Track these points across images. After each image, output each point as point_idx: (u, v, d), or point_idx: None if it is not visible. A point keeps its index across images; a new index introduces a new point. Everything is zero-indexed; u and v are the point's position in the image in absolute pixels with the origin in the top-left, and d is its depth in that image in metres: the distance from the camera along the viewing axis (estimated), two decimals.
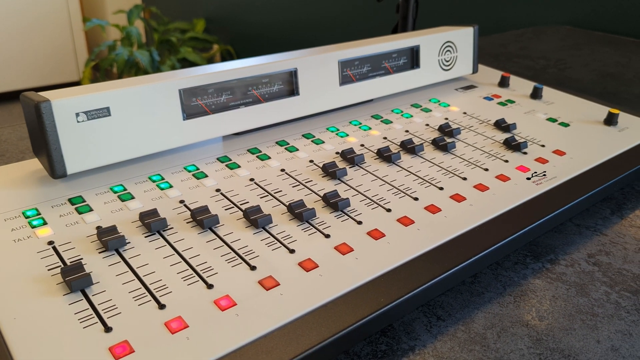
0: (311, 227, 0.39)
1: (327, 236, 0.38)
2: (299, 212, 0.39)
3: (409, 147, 0.51)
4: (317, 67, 0.54)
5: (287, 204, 0.41)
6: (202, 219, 0.38)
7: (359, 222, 0.40)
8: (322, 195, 0.42)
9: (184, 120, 0.46)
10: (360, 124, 0.56)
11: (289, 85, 0.53)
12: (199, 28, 2.53)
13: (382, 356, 0.33)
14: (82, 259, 0.34)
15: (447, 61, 0.66)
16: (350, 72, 0.57)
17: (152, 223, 0.37)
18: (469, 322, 0.36)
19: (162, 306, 0.31)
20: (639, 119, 0.61)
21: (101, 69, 2.35)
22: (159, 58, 2.29)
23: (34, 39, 2.90)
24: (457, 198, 0.44)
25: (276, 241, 0.37)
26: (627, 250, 0.44)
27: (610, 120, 0.59)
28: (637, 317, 0.37)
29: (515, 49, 1.05)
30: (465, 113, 0.60)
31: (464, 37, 0.67)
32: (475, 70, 0.70)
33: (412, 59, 0.63)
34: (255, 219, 0.38)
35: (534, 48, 1.06)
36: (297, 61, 0.52)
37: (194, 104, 0.47)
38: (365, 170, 0.47)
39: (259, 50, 2.30)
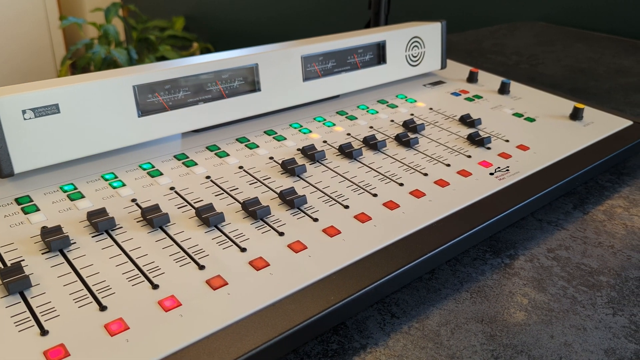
0: (265, 225, 0.38)
1: (281, 234, 0.37)
2: (252, 210, 0.38)
3: (371, 143, 0.50)
4: (279, 63, 0.53)
5: (242, 202, 0.40)
6: (152, 218, 0.37)
7: (315, 220, 0.39)
8: (279, 192, 0.42)
9: (138, 117, 0.45)
10: (325, 120, 0.55)
11: (250, 81, 0.52)
12: (178, 26, 2.51)
13: (333, 355, 0.33)
14: (23, 260, 0.33)
15: (415, 57, 0.66)
16: (315, 67, 0.57)
17: (100, 222, 0.36)
18: (424, 319, 0.36)
19: (103, 308, 0.30)
20: (605, 114, 0.61)
21: (78, 67, 2.31)
22: (136, 56, 2.26)
23: (11, 37, 2.85)
24: (417, 194, 0.43)
25: (228, 240, 0.36)
26: (586, 245, 0.44)
27: (576, 115, 0.59)
28: (592, 312, 0.37)
29: (489, 45, 1.06)
30: (431, 109, 0.60)
31: (431, 32, 0.66)
32: (443, 66, 0.69)
33: (378, 54, 0.62)
34: (207, 217, 0.37)
35: (507, 44, 1.06)
36: (258, 56, 0.52)
37: (150, 100, 0.46)
38: (326, 166, 0.47)
39: (239, 47, 2.28)
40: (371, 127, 0.55)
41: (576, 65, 0.92)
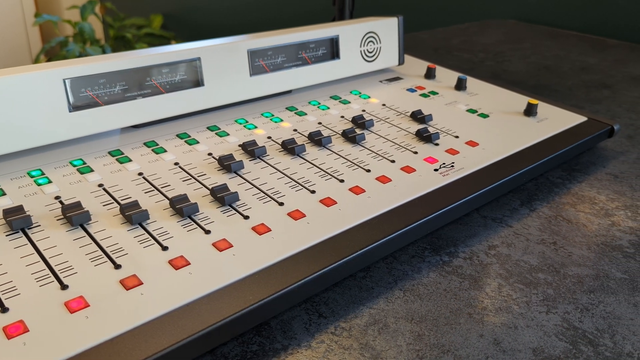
0: (192, 222, 0.37)
1: (208, 232, 0.36)
2: (179, 208, 0.37)
3: (316, 139, 0.49)
4: (224, 57, 0.52)
5: (170, 199, 0.39)
6: (72, 216, 0.35)
7: (246, 217, 0.38)
8: (210, 189, 0.40)
9: (70, 112, 0.43)
10: (272, 115, 0.54)
11: (193, 75, 0.50)
12: (156, 24, 2.48)
13: (252, 357, 0.31)
14: None
15: (370, 52, 0.65)
16: (263, 62, 0.56)
17: (14, 221, 0.34)
18: (352, 318, 0.35)
19: (4, 310, 0.29)
20: (560, 110, 0.60)
21: None
22: None
23: None
24: (356, 190, 0.42)
25: (150, 238, 0.35)
26: (529, 242, 0.43)
27: (530, 111, 0.58)
28: (526, 310, 0.36)
29: (457, 42, 1.05)
30: (384, 105, 0.59)
31: (387, 27, 0.66)
32: (401, 62, 0.68)
33: (332, 49, 0.61)
34: (130, 215, 0.36)
35: (476, 42, 1.05)
36: (201, 50, 0.50)
37: (83, 94, 0.44)
38: (267, 163, 0.45)
39: None
40: (320, 123, 0.54)
41: (542, 63, 0.92)
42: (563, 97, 0.75)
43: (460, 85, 0.64)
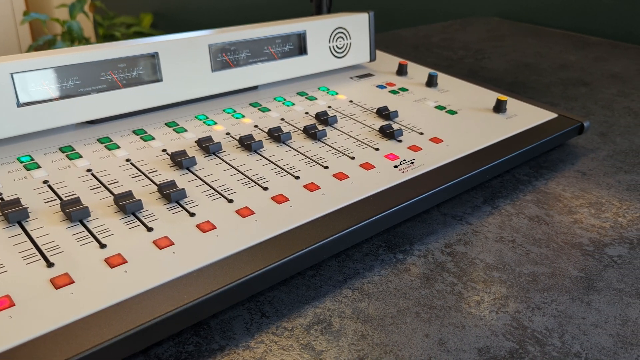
0: (136, 220, 0.36)
1: (150, 229, 0.35)
2: (122, 205, 0.36)
3: (275, 135, 0.48)
4: (183, 52, 0.51)
5: (114, 195, 0.38)
6: (8, 213, 0.34)
7: (192, 214, 0.37)
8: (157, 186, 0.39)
9: (18, 107, 0.42)
10: (234, 111, 0.53)
11: (151, 70, 0.49)
12: (146, 23, 2.47)
13: (187, 357, 0.30)
14: None
15: (340, 48, 0.64)
16: (227, 57, 0.55)
17: None
18: (296, 318, 0.34)
19: None
20: (531, 107, 0.59)
21: None
22: None
23: None
24: (311, 187, 0.41)
25: (89, 235, 0.34)
26: (487, 240, 0.42)
27: (499, 107, 0.58)
28: (476, 309, 0.35)
29: (438, 40, 1.04)
30: (351, 101, 0.58)
31: (357, 23, 0.65)
32: (373, 58, 0.67)
33: (299, 45, 0.60)
34: (70, 211, 0.35)
35: (457, 39, 1.05)
36: (159, 45, 0.49)
37: (33, 89, 0.43)
38: (222, 159, 0.44)
39: None
40: (282, 120, 0.53)
41: (521, 60, 0.91)
42: (539, 95, 0.74)
43: (431, 82, 0.64)
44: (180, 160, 0.42)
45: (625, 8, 1.04)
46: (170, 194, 0.38)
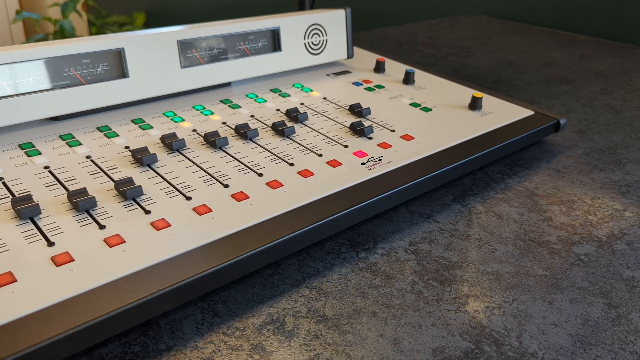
0: (89, 217, 0.35)
1: (102, 227, 0.34)
2: (75, 202, 0.35)
3: (241, 132, 0.47)
4: (151, 48, 0.50)
5: (68, 192, 0.37)
6: None
7: (148, 212, 0.36)
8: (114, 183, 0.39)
9: None
10: (204, 108, 0.53)
11: (117, 66, 0.49)
12: (139, 22, 2.46)
13: (132, 358, 0.30)
14: None
15: (316, 45, 0.63)
16: (197, 54, 0.54)
17: None
18: (249, 318, 0.33)
19: None
20: (507, 104, 0.59)
21: None
22: None
23: None
24: (274, 185, 0.41)
25: (38, 233, 0.33)
26: (453, 238, 0.41)
27: (474, 104, 0.57)
28: (435, 308, 0.34)
29: (423, 37, 1.03)
30: (325, 98, 0.57)
31: (334, 20, 0.64)
32: (350, 55, 0.67)
33: (273, 41, 0.59)
34: (20, 209, 0.34)
35: (443, 37, 1.04)
36: (125, 40, 0.49)
37: None
38: (185, 156, 0.44)
39: None
40: (252, 116, 0.52)
41: (505, 58, 0.90)
42: (521, 92, 0.74)
43: (407, 79, 0.63)
44: (140, 157, 0.41)
45: (613, 6, 1.03)
46: (126, 191, 0.37)
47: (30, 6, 2.92)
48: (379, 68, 0.66)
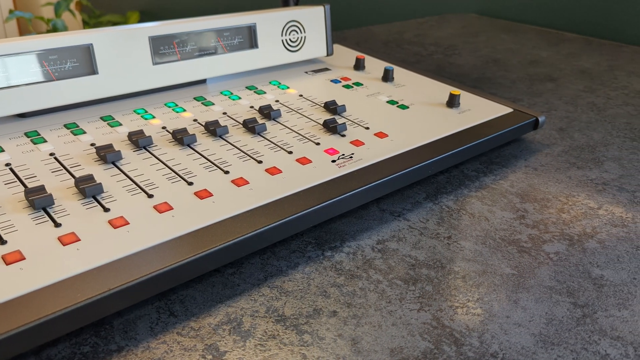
0: (45, 215, 0.35)
1: (58, 225, 0.34)
2: (31, 199, 0.35)
3: (211, 129, 0.47)
4: (121, 44, 0.49)
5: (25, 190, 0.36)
6: None
7: (107, 210, 0.36)
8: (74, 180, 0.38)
9: None
10: (176, 105, 0.52)
11: (86, 62, 0.48)
12: (133, 21, 2.45)
13: (80, 359, 0.29)
14: None
15: (294, 42, 0.62)
16: (170, 50, 0.53)
17: None
18: (206, 317, 0.32)
19: None
20: (486, 101, 0.58)
21: None
22: None
23: None
24: (239, 182, 0.40)
25: None
26: (422, 236, 0.41)
27: (452, 102, 0.56)
28: (397, 307, 0.33)
29: (410, 35, 1.03)
30: (301, 95, 0.57)
31: (312, 16, 0.63)
32: (330, 52, 0.66)
33: (250, 38, 0.59)
34: None
35: (430, 35, 1.03)
36: (94, 36, 0.48)
37: None
38: (151, 153, 0.43)
39: None
40: (224, 114, 0.51)
41: (491, 56, 0.90)
42: (504, 90, 0.73)
43: (387, 77, 0.62)
44: (104, 155, 0.41)
45: (602, 4, 1.02)
46: (85, 189, 0.36)
47: (25, 5, 2.91)
48: (359, 65, 0.65)
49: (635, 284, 0.36)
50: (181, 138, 0.44)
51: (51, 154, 0.42)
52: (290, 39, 0.62)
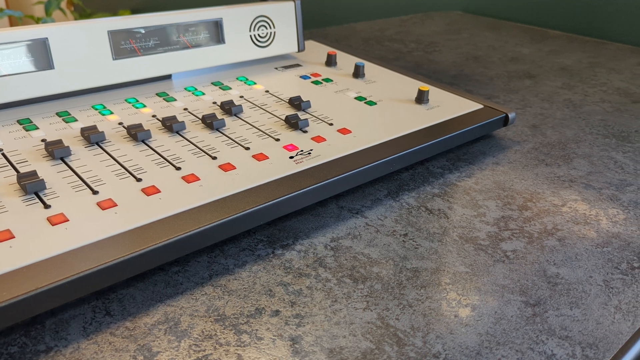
0: None
1: None
2: None
3: (167, 125, 0.46)
4: (78, 38, 0.48)
5: None
6: None
7: (47, 206, 0.35)
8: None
9: None
10: (136, 101, 0.51)
11: (40, 57, 0.47)
12: None
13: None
14: None
15: (263, 37, 0.61)
16: (132, 45, 0.52)
17: None
18: (142, 317, 0.31)
19: None
20: (457, 97, 0.57)
21: None
22: None
23: None
24: (190, 178, 0.39)
25: None
26: (378, 234, 0.40)
27: (421, 98, 0.55)
28: (342, 306, 0.33)
29: (392, 33, 1.02)
30: (267, 91, 0.56)
31: (282, 12, 0.62)
32: (301, 48, 0.65)
33: (216, 33, 0.58)
34: None
35: (412, 32, 1.02)
36: (49, 30, 0.47)
37: None
38: (103, 149, 0.42)
39: None
40: (185, 109, 0.50)
41: (472, 53, 0.89)
42: (480, 87, 0.72)
43: (357, 73, 0.61)
44: (52, 150, 0.40)
45: (585, 1, 1.02)
46: (27, 185, 0.35)
47: (16, 4, 2.90)
48: (330, 61, 0.64)
49: (591, 283, 0.35)
50: (135, 134, 0.43)
51: None
52: (259, 35, 0.61)
